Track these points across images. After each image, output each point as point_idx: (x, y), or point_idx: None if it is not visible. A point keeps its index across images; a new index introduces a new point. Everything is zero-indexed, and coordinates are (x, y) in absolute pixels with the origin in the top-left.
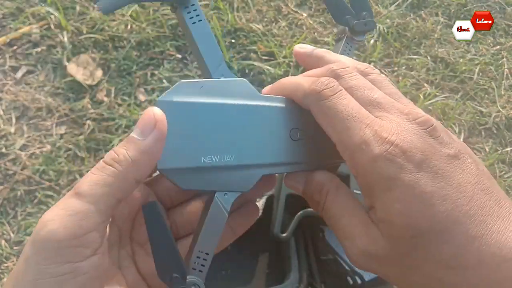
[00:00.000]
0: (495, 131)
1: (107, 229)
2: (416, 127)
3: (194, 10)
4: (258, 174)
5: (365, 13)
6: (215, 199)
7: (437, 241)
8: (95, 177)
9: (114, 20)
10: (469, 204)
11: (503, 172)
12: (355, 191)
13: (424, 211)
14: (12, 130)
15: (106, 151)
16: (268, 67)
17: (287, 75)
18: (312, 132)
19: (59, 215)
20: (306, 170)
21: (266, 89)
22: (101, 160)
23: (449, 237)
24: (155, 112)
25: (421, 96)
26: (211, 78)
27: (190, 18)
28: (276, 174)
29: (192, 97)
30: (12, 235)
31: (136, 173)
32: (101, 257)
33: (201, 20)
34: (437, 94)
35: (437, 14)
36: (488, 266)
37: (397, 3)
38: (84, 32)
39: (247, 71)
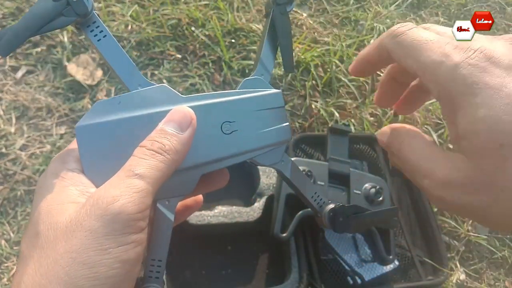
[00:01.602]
0: None
1: None
2: (503, 41)
3: (96, 27)
4: (196, 175)
5: None
6: (157, 208)
7: None
8: (149, 163)
9: (114, 20)
10: None
11: None
12: (355, 191)
13: None
14: (12, 130)
15: None
16: None
17: (287, 75)
18: (244, 120)
19: (126, 192)
20: (247, 159)
21: (351, 67)
22: (146, 148)
23: None
24: (189, 110)
25: None
26: (129, 90)
27: (95, 36)
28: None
29: (111, 115)
30: (12, 235)
31: (178, 161)
32: (147, 232)
33: (106, 36)
34: None
35: (437, 14)
36: None
37: (397, 3)
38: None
39: (247, 71)
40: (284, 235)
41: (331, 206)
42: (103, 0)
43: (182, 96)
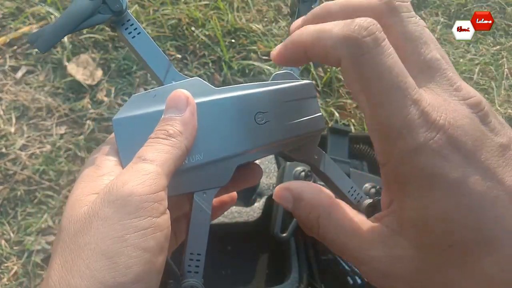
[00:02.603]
0: None
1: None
2: (467, 110)
3: (131, 25)
4: (232, 165)
5: None
6: (195, 200)
7: (480, 252)
8: (156, 147)
9: None
10: None
11: None
12: None
13: (469, 217)
14: (12, 130)
15: None
16: (268, 67)
17: None
18: (277, 111)
19: (135, 175)
20: (280, 150)
21: (276, 51)
22: (151, 139)
23: (496, 248)
24: (183, 91)
25: None
26: (163, 85)
27: (129, 33)
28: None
29: (147, 108)
30: (12, 235)
31: (186, 141)
32: (168, 219)
33: (140, 33)
34: None
35: (437, 14)
36: None
37: None
38: (84, 32)
39: (247, 71)
40: (284, 235)
41: (369, 200)
42: None
43: (215, 88)
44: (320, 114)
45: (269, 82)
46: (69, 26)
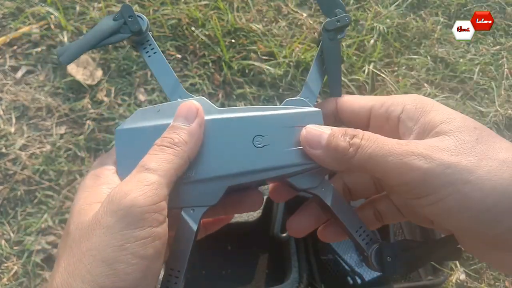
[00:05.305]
0: (495, 131)
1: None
2: None
3: (149, 45)
4: (223, 185)
5: (337, 10)
6: (182, 216)
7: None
8: (159, 157)
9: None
10: None
11: None
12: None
13: None
14: (12, 130)
15: (106, 151)
16: (268, 67)
17: (287, 75)
18: (277, 135)
19: (138, 186)
20: (274, 176)
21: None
22: (156, 145)
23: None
24: (195, 103)
25: None
26: (169, 101)
27: (146, 52)
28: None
29: (150, 121)
30: (12, 235)
31: (189, 152)
32: (166, 227)
33: (156, 52)
34: (437, 94)
35: (437, 14)
36: None
37: (397, 3)
38: (84, 32)
39: (247, 71)
40: (284, 235)
41: (376, 245)
42: (103, 0)
43: (218, 108)
44: None
45: (274, 106)
46: (92, 42)
